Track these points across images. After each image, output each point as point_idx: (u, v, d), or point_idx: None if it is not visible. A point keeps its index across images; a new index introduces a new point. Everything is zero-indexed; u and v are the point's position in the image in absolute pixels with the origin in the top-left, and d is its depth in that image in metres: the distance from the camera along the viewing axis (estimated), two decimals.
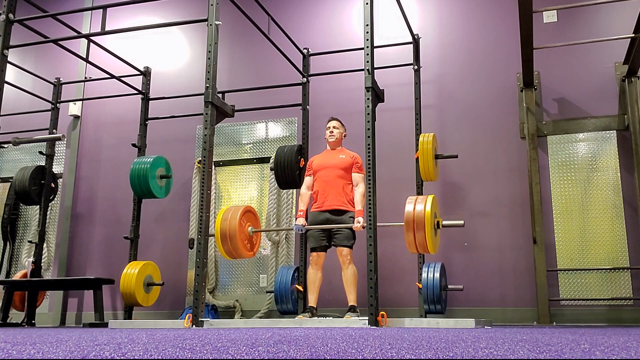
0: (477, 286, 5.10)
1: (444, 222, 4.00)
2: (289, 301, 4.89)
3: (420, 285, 4.78)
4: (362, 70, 3.90)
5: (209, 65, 3.87)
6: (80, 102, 6.69)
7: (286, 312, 4.94)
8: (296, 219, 4.53)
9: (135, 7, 6.37)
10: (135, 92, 5.91)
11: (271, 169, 5.34)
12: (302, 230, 4.50)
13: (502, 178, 5.30)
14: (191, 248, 5.56)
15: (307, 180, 4.63)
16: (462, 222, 4.07)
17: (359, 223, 4.20)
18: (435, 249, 3.88)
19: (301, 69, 5.59)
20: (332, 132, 4.61)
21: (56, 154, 6.26)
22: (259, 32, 4.81)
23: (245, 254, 4.20)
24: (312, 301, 4.39)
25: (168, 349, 1.45)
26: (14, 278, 5.98)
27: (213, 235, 4.13)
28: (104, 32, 4.57)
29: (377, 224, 3.65)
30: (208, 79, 3.85)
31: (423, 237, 3.70)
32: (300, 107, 5.54)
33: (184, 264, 5.95)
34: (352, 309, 4.25)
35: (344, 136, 4.71)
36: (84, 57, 5.17)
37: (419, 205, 3.76)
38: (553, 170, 5.20)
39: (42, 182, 5.96)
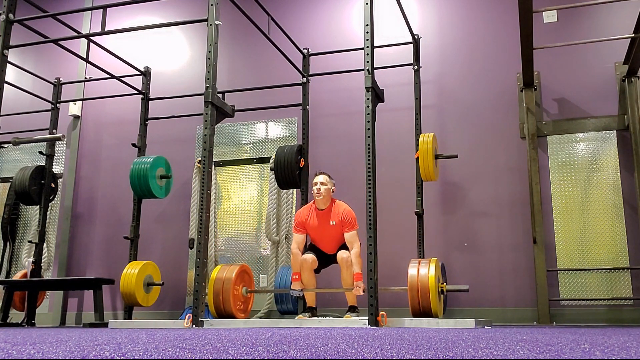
0: (477, 286, 5.10)
1: (448, 287, 4.03)
2: (289, 301, 4.89)
3: None
4: (362, 70, 3.90)
5: (209, 65, 3.87)
6: (80, 102, 6.69)
7: (286, 312, 4.94)
8: (292, 282, 4.35)
9: (135, 7, 6.37)
10: (135, 92, 5.91)
11: (271, 169, 5.34)
12: (299, 294, 4.33)
13: (502, 178, 5.30)
14: (191, 248, 5.56)
15: (298, 238, 4.38)
16: (466, 287, 4.09)
17: (359, 287, 4.05)
18: (440, 313, 3.93)
19: (301, 69, 5.59)
20: (320, 189, 4.28)
21: (56, 154, 6.26)
22: (259, 32, 4.81)
23: (238, 316, 4.21)
24: (311, 302, 4.39)
25: (168, 349, 1.45)
26: (14, 278, 5.98)
27: (206, 295, 4.14)
28: (104, 32, 4.57)
29: (379, 287, 3.60)
30: (208, 79, 3.85)
31: (428, 303, 3.78)
32: (300, 107, 5.54)
33: (184, 264, 5.95)
34: (352, 309, 4.25)
35: (333, 191, 4.39)
36: (84, 57, 5.17)
37: (422, 270, 3.80)
38: (553, 170, 5.20)
39: (42, 182, 5.95)
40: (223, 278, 4.18)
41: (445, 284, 4.08)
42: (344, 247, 4.33)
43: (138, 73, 5.95)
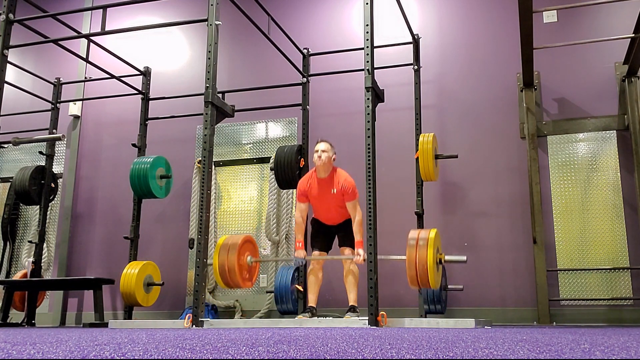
0: (477, 286, 5.10)
1: (447, 258, 3.99)
2: (289, 301, 4.89)
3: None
4: (362, 70, 3.90)
5: (209, 65, 3.87)
6: (80, 102, 6.69)
7: (286, 312, 4.94)
8: (295, 250, 4.40)
9: (135, 7, 6.37)
10: (135, 92, 5.91)
11: (271, 169, 5.34)
12: (302, 263, 4.41)
13: (502, 178, 5.30)
14: (191, 248, 5.56)
15: (301, 206, 4.41)
16: (464, 257, 4.05)
17: (360, 256, 4.10)
18: (437, 284, 3.89)
19: (301, 69, 5.59)
20: (320, 156, 4.29)
21: (56, 154, 6.25)
22: (259, 32, 4.81)
23: (244, 285, 4.19)
24: (312, 301, 4.39)
25: (168, 349, 1.45)
26: (14, 278, 5.98)
27: (211, 265, 4.10)
28: (104, 32, 4.57)
29: (378, 256, 3.62)
30: (208, 79, 3.85)
31: (425, 274, 3.70)
32: (300, 107, 5.54)
33: (184, 264, 5.95)
34: (352, 309, 4.25)
35: (334, 159, 4.40)
36: (84, 57, 5.17)
37: (421, 241, 3.76)
38: (553, 170, 5.20)
39: (42, 182, 5.95)
40: (227, 250, 4.11)
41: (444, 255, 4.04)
42: (345, 238, 4.35)
43: (138, 73, 5.95)
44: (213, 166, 4.61)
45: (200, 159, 4.90)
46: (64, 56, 5.99)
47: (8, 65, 4.39)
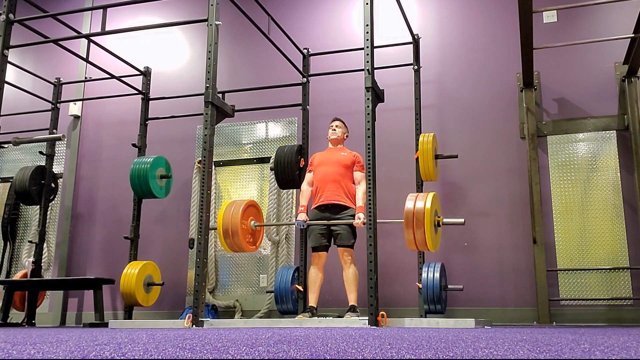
0: (477, 286, 5.10)
1: (445, 220, 3.98)
2: (289, 301, 4.89)
3: (420, 285, 4.78)
4: (362, 70, 3.90)
5: (209, 65, 3.87)
6: (81, 102, 6.69)
7: (286, 312, 4.94)
8: (297, 214, 4.53)
9: (135, 7, 6.37)
10: (136, 92, 5.91)
11: (271, 169, 5.34)
12: (303, 226, 4.49)
13: (502, 178, 5.30)
14: (191, 248, 5.55)
15: (308, 176, 4.67)
16: (462, 220, 4.04)
17: (360, 219, 4.21)
18: (436, 246, 3.86)
19: (301, 69, 5.59)
20: (335, 130, 4.69)
21: (56, 154, 6.26)
22: (259, 32, 4.81)
23: (248, 249, 4.21)
24: (312, 301, 4.39)
25: (168, 349, 1.45)
26: (14, 278, 5.98)
27: (215, 229, 4.12)
28: (104, 32, 4.57)
29: (377, 220, 3.64)
30: (208, 79, 3.85)
31: (423, 235, 3.67)
32: (300, 107, 5.54)
33: (184, 264, 5.95)
34: (352, 309, 4.26)
35: (346, 136, 4.77)
36: (84, 57, 5.17)
37: (419, 203, 3.73)
38: (553, 170, 5.20)
39: (42, 182, 5.95)
40: (231, 212, 4.13)
41: (442, 217, 4.03)
42: (343, 237, 4.34)
43: (138, 73, 5.95)
44: (213, 166, 4.61)
45: (200, 159, 4.90)
46: (64, 56, 6.00)
47: (8, 65, 4.40)
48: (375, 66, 3.90)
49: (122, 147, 6.31)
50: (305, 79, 5.58)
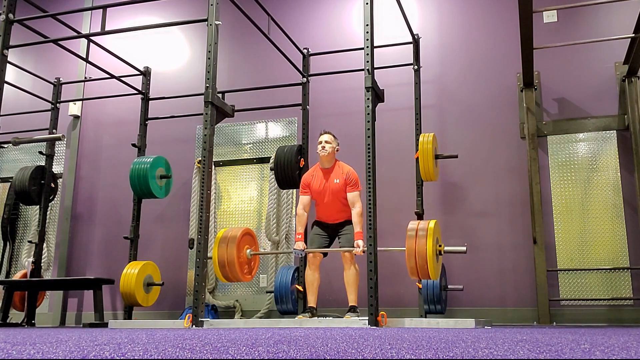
0: (477, 286, 5.10)
1: (446, 248, 3.99)
2: (289, 301, 4.89)
3: (420, 285, 4.78)
4: (362, 70, 3.90)
5: (209, 65, 3.87)
6: (80, 102, 6.69)
7: (286, 312, 4.94)
8: (295, 242, 4.40)
9: (135, 7, 6.37)
10: (135, 92, 5.90)
11: (271, 169, 5.34)
12: (302, 255, 4.39)
13: (502, 178, 5.30)
14: (191, 248, 5.55)
15: (304, 199, 4.44)
16: (464, 248, 4.04)
17: (359, 247, 4.11)
18: (437, 275, 3.88)
19: (301, 69, 5.59)
20: (324, 146, 4.38)
21: (56, 154, 6.26)
22: (259, 32, 4.81)
23: (244, 279, 4.17)
24: (311, 302, 4.39)
25: (168, 349, 1.45)
26: (14, 278, 5.98)
27: (210, 259, 4.09)
28: (104, 32, 4.57)
29: (378, 248, 3.62)
30: (208, 79, 3.85)
31: (425, 265, 3.69)
32: (300, 107, 5.54)
33: (184, 264, 5.95)
34: (352, 309, 4.25)
35: (337, 150, 4.48)
36: (84, 57, 5.17)
37: (420, 233, 3.75)
38: (553, 170, 5.20)
39: (42, 182, 5.95)
40: (227, 243, 4.08)
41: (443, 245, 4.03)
42: (345, 241, 4.34)
43: (138, 73, 5.95)
44: (213, 166, 4.61)
45: (200, 159, 4.90)
46: (64, 56, 6.00)
47: (8, 65, 4.39)
48: (375, 66, 3.90)
49: (122, 147, 6.31)
50: (305, 79, 5.57)
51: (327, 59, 5.79)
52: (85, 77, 6.62)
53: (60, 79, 6.30)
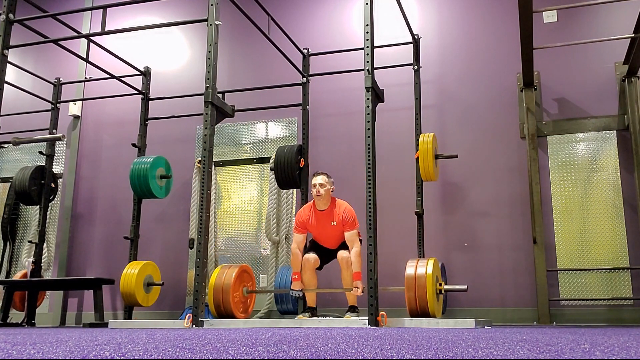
0: (477, 286, 5.10)
1: (446, 287, 4.01)
2: (289, 301, 4.89)
3: None
4: (362, 70, 3.90)
5: (209, 65, 3.87)
6: (80, 102, 6.69)
7: (286, 312, 4.94)
8: (292, 282, 4.37)
9: (135, 7, 6.37)
10: (135, 92, 5.91)
11: (271, 169, 5.34)
12: (299, 295, 4.33)
13: (502, 178, 5.30)
14: (191, 248, 5.57)
15: (298, 238, 4.39)
16: (465, 287, 4.05)
17: (358, 288, 4.07)
18: (439, 313, 3.90)
19: (301, 69, 5.59)
20: (319, 190, 4.29)
21: (56, 154, 6.26)
22: (259, 32, 4.81)
23: (239, 317, 4.22)
24: (311, 302, 4.39)
25: (168, 349, 1.45)
26: (14, 278, 5.98)
27: (206, 295, 4.15)
28: (104, 32, 4.57)
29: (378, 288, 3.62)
30: (208, 79, 3.85)
31: (425, 305, 3.74)
32: (300, 107, 5.54)
33: (184, 264, 5.95)
34: (352, 309, 4.25)
35: (332, 190, 4.41)
36: (84, 57, 5.17)
37: (420, 270, 3.78)
38: (553, 170, 5.20)
39: (42, 182, 5.95)
40: (222, 282, 4.19)
41: (444, 283, 4.06)
42: (345, 245, 4.34)
43: (138, 73, 5.95)
44: (213, 166, 4.61)
45: (200, 159, 4.90)
46: (64, 56, 6.00)
47: (8, 65, 4.39)
48: (375, 66, 3.90)
49: (122, 147, 6.31)
50: (305, 79, 5.58)
51: (327, 59, 5.79)
52: (86, 77, 6.62)
53: (61, 79, 6.30)
